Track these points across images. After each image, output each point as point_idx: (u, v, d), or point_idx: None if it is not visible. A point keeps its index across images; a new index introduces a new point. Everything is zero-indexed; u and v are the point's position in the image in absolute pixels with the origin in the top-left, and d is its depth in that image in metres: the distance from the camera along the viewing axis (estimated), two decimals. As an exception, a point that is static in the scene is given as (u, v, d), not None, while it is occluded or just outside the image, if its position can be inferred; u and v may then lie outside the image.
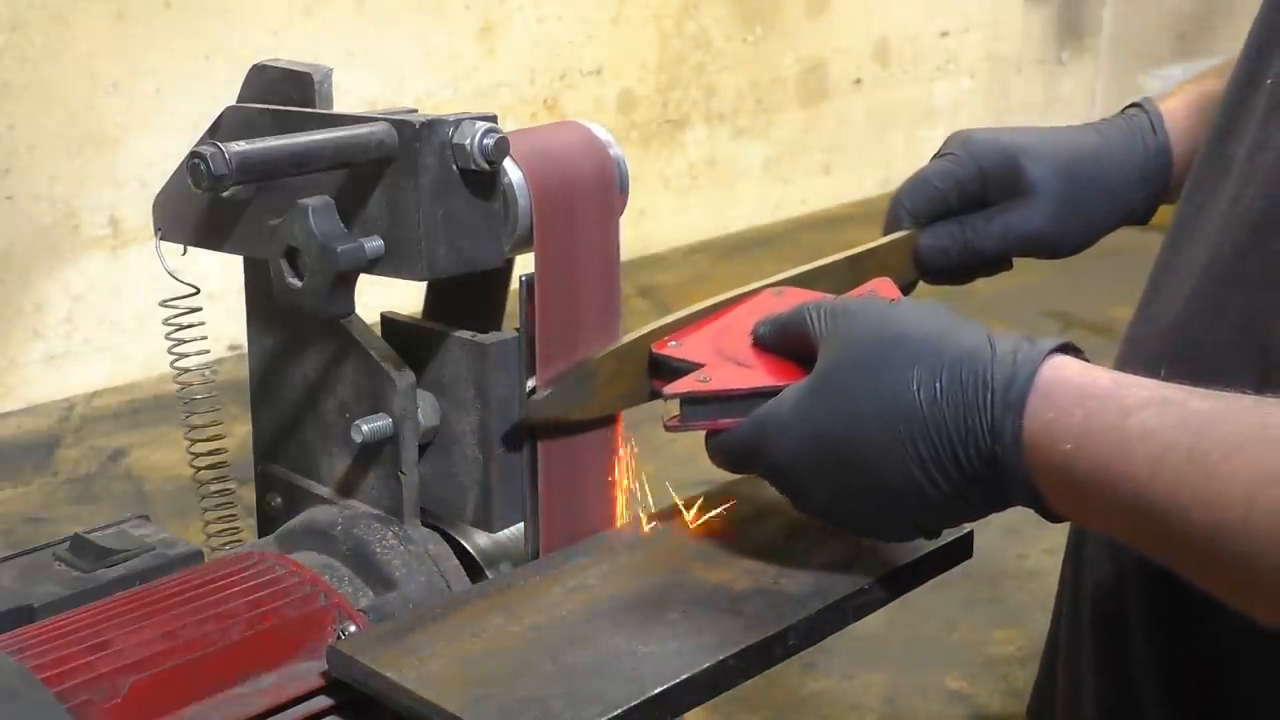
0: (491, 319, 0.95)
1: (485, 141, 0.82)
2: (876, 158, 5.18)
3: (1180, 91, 1.14)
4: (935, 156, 1.12)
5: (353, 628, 0.83)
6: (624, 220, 0.93)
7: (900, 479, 0.74)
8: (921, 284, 1.12)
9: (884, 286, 0.95)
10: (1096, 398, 0.69)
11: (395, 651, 0.77)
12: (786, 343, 0.86)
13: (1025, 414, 0.70)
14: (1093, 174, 1.08)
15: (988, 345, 0.74)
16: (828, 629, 0.82)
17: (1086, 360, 0.73)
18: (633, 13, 4.51)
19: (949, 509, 0.76)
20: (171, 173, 0.95)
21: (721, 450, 0.84)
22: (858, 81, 5.15)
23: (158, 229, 0.96)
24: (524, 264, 0.90)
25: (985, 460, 0.72)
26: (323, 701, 0.79)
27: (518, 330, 0.89)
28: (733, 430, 0.83)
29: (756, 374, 0.85)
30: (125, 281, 3.60)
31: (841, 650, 2.38)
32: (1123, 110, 1.14)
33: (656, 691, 0.74)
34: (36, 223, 3.52)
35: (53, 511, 3.00)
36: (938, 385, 0.73)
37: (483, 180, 0.84)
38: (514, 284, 0.92)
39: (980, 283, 1.16)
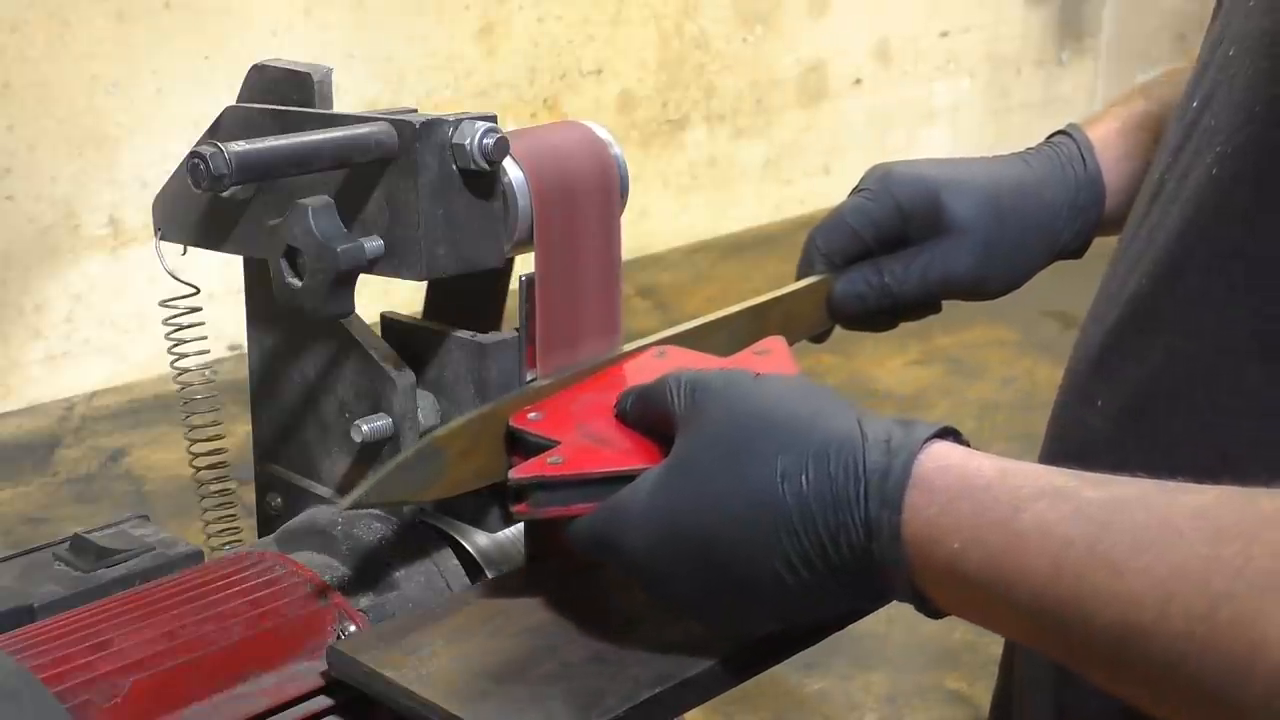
0: (491, 319, 0.95)
1: (485, 141, 0.82)
2: (876, 158, 5.13)
3: (1109, 115, 1.09)
4: (853, 192, 1.05)
5: (353, 628, 0.83)
6: (624, 220, 0.93)
7: (764, 575, 0.68)
8: (839, 329, 1.07)
9: (775, 346, 0.89)
10: (984, 489, 0.63)
11: (395, 651, 0.77)
12: (647, 418, 0.79)
13: (904, 509, 0.64)
14: (1019, 208, 1.02)
15: (858, 431, 0.67)
16: (831, 627, 0.82)
17: (967, 445, 0.68)
18: (633, 13, 4.51)
19: (814, 603, 0.70)
20: (171, 173, 0.95)
21: (575, 540, 0.77)
22: (858, 81, 5.15)
23: (157, 229, 0.96)
24: (524, 264, 0.90)
25: (858, 557, 0.66)
26: (323, 702, 0.79)
27: (517, 330, 0.89)
28: (584, 519, 0.76)
29: (614, 455, 0.78)
30: (125, 281, 3.61)
31: (841, 650, 2.39)
32: (1049, 138, 1.09)
33: (656, 691, 0.74)
34: (36, 223, 3.52)
35: (53, 511, 3.00)
36: (804, 477, 0.67)
37: (482, 180, 0.84)
38: (514, 284, 0.92)
39: None
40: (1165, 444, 0.78)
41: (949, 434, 0.68)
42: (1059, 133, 1.09)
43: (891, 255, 1.02)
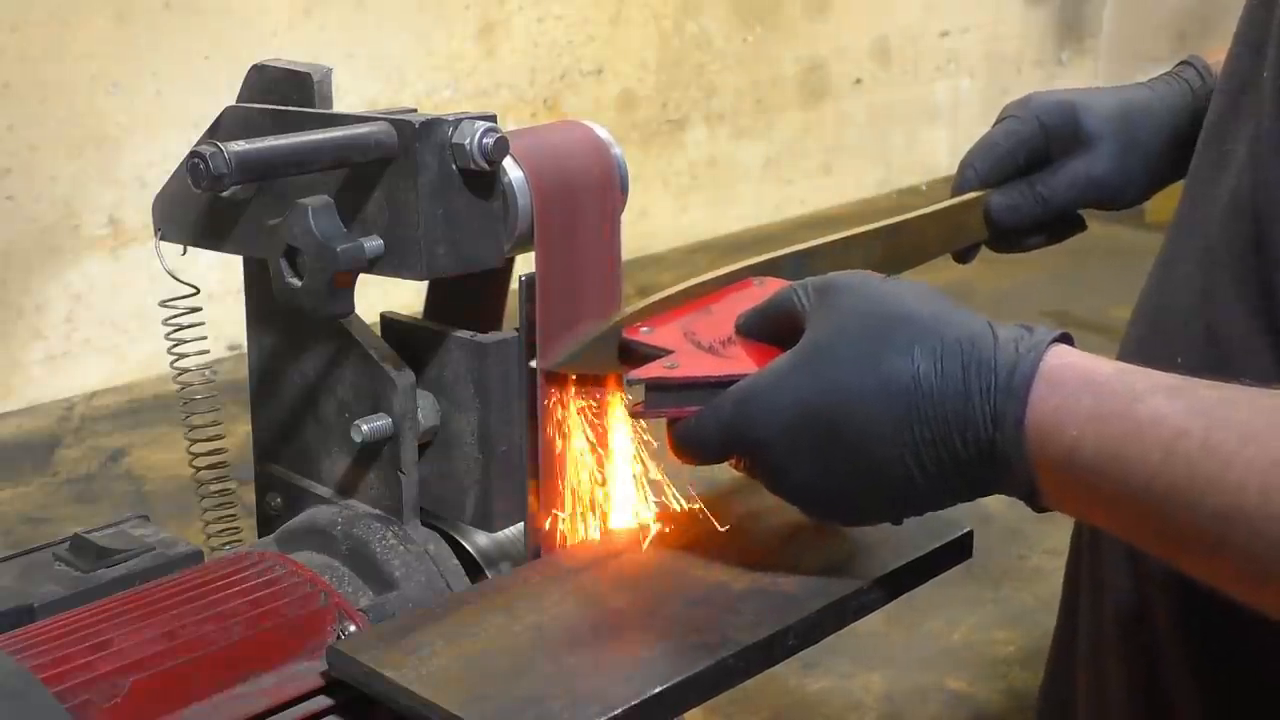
0: (491, 319, 0.95)
1: (485, 141, 0.82)
2: (876, 158, 5.18)
3: (1222, 50, 1.16)
4: (997, 121, 1.14)
5: (352, 628, 0.83)
6: (624, 220, 0.93)
7: (889, 460, 0.72)
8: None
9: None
10: (1103, 384, 0.68)
11: (395, 651, 0.77)
12: (769, 326, 0.82)
13: (1029, 402, 0.69)
14: (1147, 121, 1.10)
15: (989, 331, 0.72)
16: (828, 628, 0.82)
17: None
18: (633, 13, 4.51)
19: (931, 494, 0.74)
20: (171, 173, 0.95)
21: (696, 431, 0.80)
22: (858, 81, 5.14)
23: (157, 229, 0.96)
24: (524, 264, 0.90)
25: (981, 447, 0.70)
26: (322, 701, 0.79)
27: (517, 330, 0.89)
28: (709, 408, 0.79)
29: (727, 362, 0.82)
30: (125, 281, 3.60)
31: (841, 650, 2.38)
32: (1171, 69, 1.16)
33: (656, 691, 0.74)
34: (36, 223, 3.52)
35: (53, 511, 3.00)
36: (938, 367, 0.71)
37: (482, 180, 0.84)
38: (514, 284, 0.92)
39: (980, 281, 1.16)
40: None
41: (1065, 338, 0.72)
42: (1180, 63, 1.16)
43: (1039, 171, 1.10)
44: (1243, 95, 0.88)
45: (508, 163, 0.85)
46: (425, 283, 0.92)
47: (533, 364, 0.87)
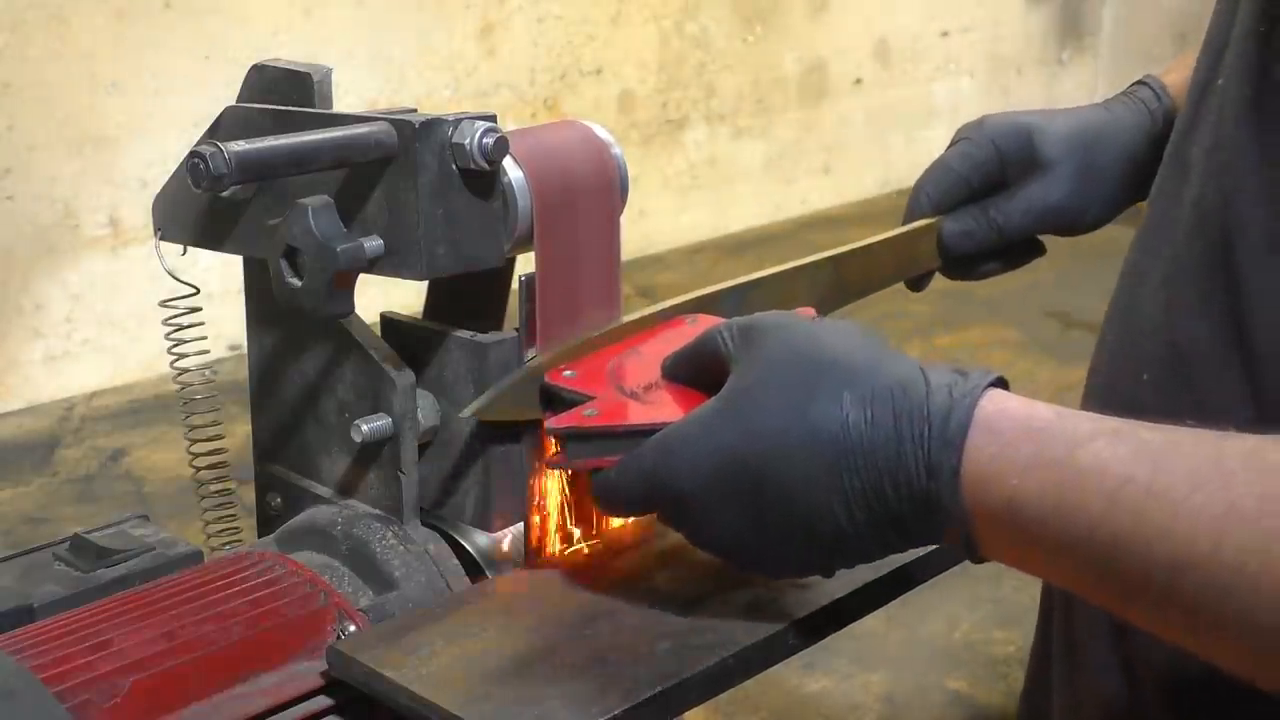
0: (491, 318, 0.95)
1: (485, 141, 0.82)
2: (876, 158, 5.18)
3: (1179, 65, 1.15)
4: (950, 145, 1.13)
5: (352, 627, 0.83)
6: (624, 220, 0.93)
7: (818, 511, 0.69)
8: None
9: (806, 314, 0.87)
10: (1042, 430, 0.65)
11: (395, 651, 0.77)
12: (695, 369, 0.79)
13: (965, 450, 0.66)
14: (1104, 143, 1.09)
15: (921, 376, 0.69)
16: (828, 628, 0.82)
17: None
18: (633, 13, 4.51)
19: (862, 546, 0.71)
20: (171, 173, 0.95)
21: (616, 483, 0.76)
22: (858, 81, 5.15)
23: (157, 229, 0.96)
24: (524, 264, 0.90)
25: (916, 498, 0.67)
26: (322, 701, 0.79)
27: (517, 330, 0.89)
28: (629, 458, 0.75)
29: (650, 409, 0.78)
30: (125, 281, 3.60)
31: (841, 650, 2.38)
32: (1125, 90, 1.15)
33: (656, 691, 0.74)
34: (36, 223, 3.52)
35: (53, 511, 3.00)
36: (868, 414, 0.68)
37: (482, 180, 0.84)
38: (514, 283, 0.92)
39: (980, 283, 1.16)
40: (1214, 410, 0.80)
41: (1000, 382, 0.70)
42: (1135, 83, 1.15)
43: (994, 196, 1.09)
44: (1202, 103, 0.88)
45: (507, 163, 0.85)
46: (425, 283, 0.92)
47: (462, 414, 0.85)
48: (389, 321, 0.95)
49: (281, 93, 0.90)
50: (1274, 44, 0.78)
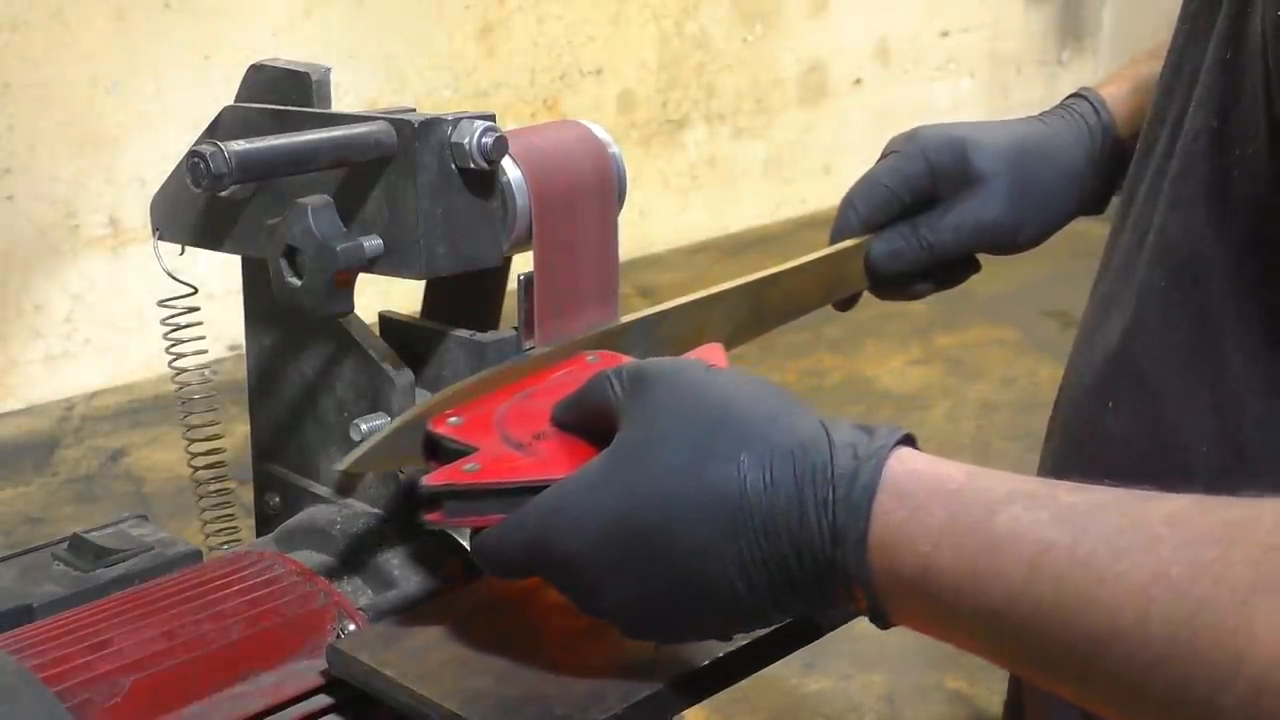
0: (489, 318, 0.95)
1: (484, 140, 0.82)
2: (876, 158, 5.18)
3: (1118, 77, 1.12)
4: (881, 158, 1.08)
5: (352, 626, 0.83)
6: (623, 220, 0.93)
7: (714, 578, 0.64)
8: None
9: (713, 354, 0.83)
10: (955, 493, 0.61)
11: (395, 650, 0.77)
12: (584, 419, 0.74)
13: (873, 515, 0.62)
14: (1041, 158, 1.05)
15: (824, 435, 0.64)
16: (829, 625, 0.82)
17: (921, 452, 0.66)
18: (633, 13, 4.51)
19: (761, 613, 0.66)
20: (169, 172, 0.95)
21: (497, 546, 0.71)
22: (858, 81, 5.15)
23: (155, 229, 0.96)
24: (522, 263, 0.90)
25: (820, 565, 0.63)
26: (322, 700, 0.79)
27: (516, 329, 0.89)
28: (512, 520, 0.70)
29: (535, 463, 0.72)
30: (125, 281, 3.61)
31: (841, 650, 2.39)
32: (1063, 101, 1.11)
33: (657, 689, 0.74)
34: (36, 223, 3.52)
35: (53, 511, 3.00)
36: (767, 477, 0.63)
37: (481, 179, 0.84)
38: (512, 283, 0.92)
39: (980, 283, 1.13)
40: (1179, 441, 0.78)
41: (908, 440, 0.65)
42: (1072, 95, 1.12)
43: (925, 213, 1.05)
44: (1164, 128, 0.85)
45: (506, 162, 0.85)
46: (423, 282, 0.92)
47: (337, 468, 0.80)
48: (388, 321, 0.95)
49: (281, 92, 0.90)
50: (1238, 73, 0.75)
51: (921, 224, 1.04)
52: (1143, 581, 0.54)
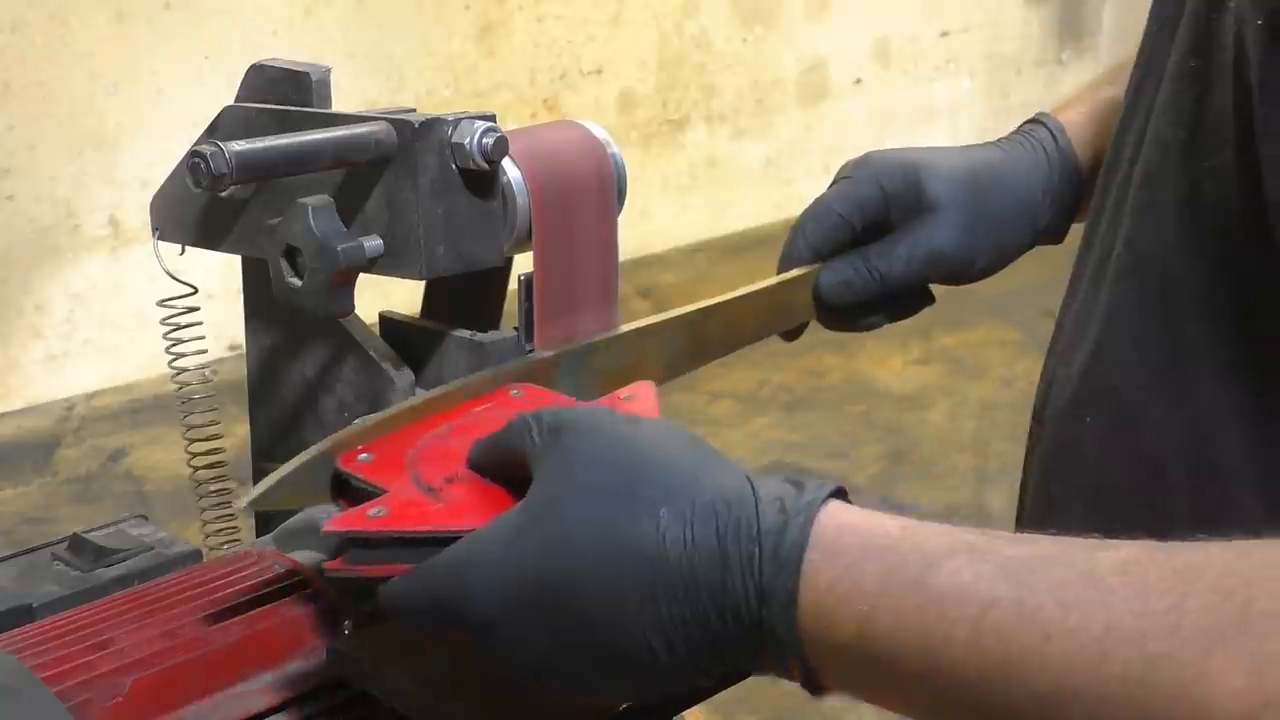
0: (490, 318, 0.95)
1: (484, 141, 0.82)
2: (876, 158, 5.18)
3: (1077, 100, 1.09)
4: (832, 183, 1.04)
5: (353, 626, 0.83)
6: (624, 220, 0.93)
7: (631, 640, 0.60)
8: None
9: (643, 392, 0.79)
10: (889, 548, 0.57)
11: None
12: (500, 464, 0.70)
13: (802, 573, 0.58)
14: (997, 185, 1.02)
15: (749, 489, 0.60)
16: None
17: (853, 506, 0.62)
18: (633, 13, 4.51)
19: (682, 676, 0.62)
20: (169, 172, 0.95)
21: (404, 601, 0.66)
22: (858, 81, 5.15)
23: (156, 229, 0.96)
24: (523, 263, 0.90)
25: (745, 627, 0.59)
26: (322, 701, 0.79)
27: (516, 329, 0.89)
28: (418, 573, 0.65)
29: (445, 510, 0.68)
30: (125, 281, 3.61)
31: (841, 650, 2.38)
32: (1020, 127, 1.09)
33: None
34: (36, 223, 3.52)
35: (53, 511, 3.00)
36: (688, 534, 0.59)
37: (482, 179, 0.84)
38: (513, 283, 0.92)
39: (980, 284, 1.12)
40: (1157, 459, 0.77)
41: (840, 493, 0.62)
42: (1029, 121, 1.09)
43: (877, 241, 1.02)
44: (1131, 137, 0.82)
45: (506, 162, 0.85)
46: (423, 282, 0.92)
47: (239, 504, 0.76)
48: (388, 321, 0.95)
49: (281, 92, 0.90)
50: (1205, 83, 0.73)
51: (873, 253, 1.01)
52: (1095, 635, 0.51)
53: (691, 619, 0.59)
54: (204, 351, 0.97)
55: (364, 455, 0.73)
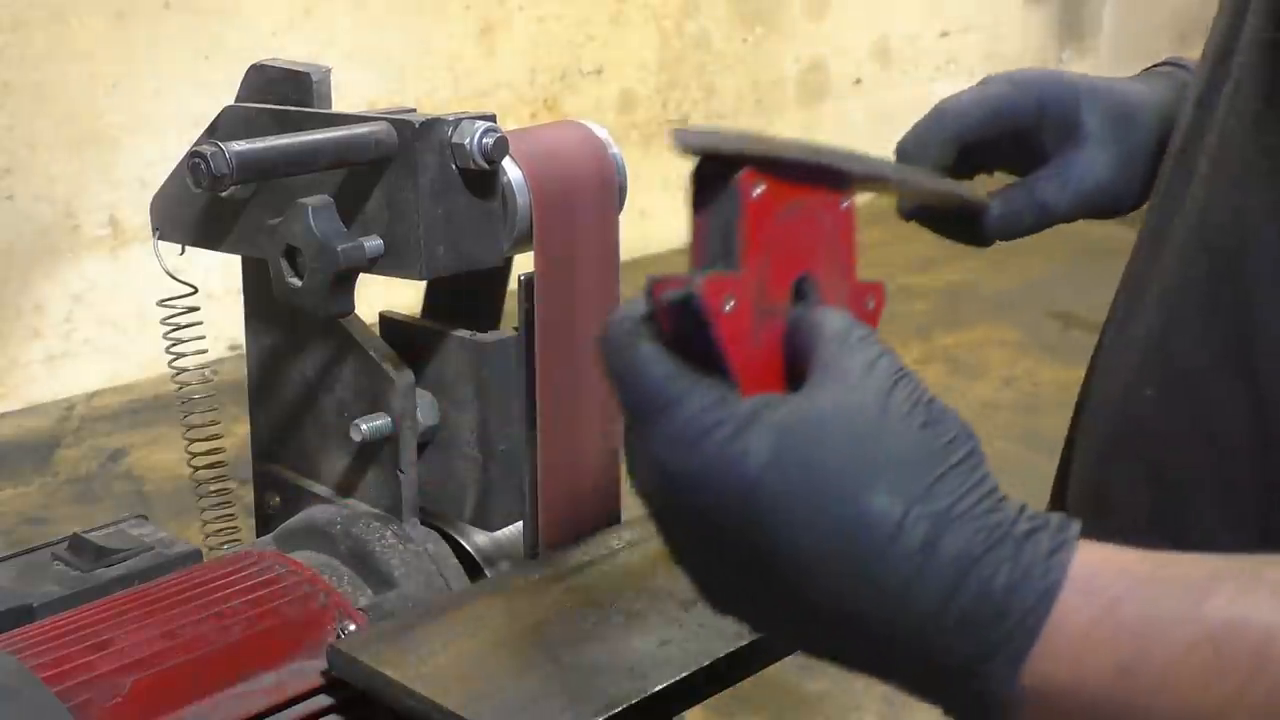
0: (490, 318, 0.95)
1: (484, 141, 0.82)
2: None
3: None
4: (979, 85, 0.97)
5: (352, 626, 0.83)
6: (624, 220, 0.93)
7: (810, 597, 0.54)
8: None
9: (878, 297, 0.67)
10: (1147, 581, 0.53)
11: (396, 650, 0.77)
12: (789, 353, 0.60)
13: (1051, 617, 0.52)
14: (1144, 119, 0.97)
15: (1010, 513, 0.54)
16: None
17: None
18: (633, 13, 4.51)
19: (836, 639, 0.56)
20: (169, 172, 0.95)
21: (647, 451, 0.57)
22: (858, 81, 5.15)
23: (156, 228, 0.96)
24: (523, 263, 0.90)
25: (949, 671, 0.53)
26: (322, 700, 0.79)
27: (516, 329, 0.89)
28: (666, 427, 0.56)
29: (752, 352, 0.57)
30: (125, 281, 3.60)
31: (841, 650, 2.38)
32: (1153, 67, 1.04)
33: (657, 689, 0.74)
34: (36, 223, 3.52)
35: (53, 511, 3.00)
36: (932, 536, 0.53)
37: (482, 179, 0.84)
38: (513, 283, 0.92)
39: (983, 282, 1.12)
40: (1224, 437, 0.76)
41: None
42: (1164, 63, 1.04)
43: (1036, 174, 0.96)
44: (1207, 109, 0.84)
45: (506, 163, 0.85)
46: (424, 282, 0.92)
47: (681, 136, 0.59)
48: (388, 321, 0.95)
49: (280, 92, 0.90)
50: None
51: (1035, 185, 0.94)
52: None
53: (884, 621, 0.53)
54: (204, 351, 0.97)
55: (760, 185, 0.58)
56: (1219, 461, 0.77)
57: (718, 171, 0.58)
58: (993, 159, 0.96)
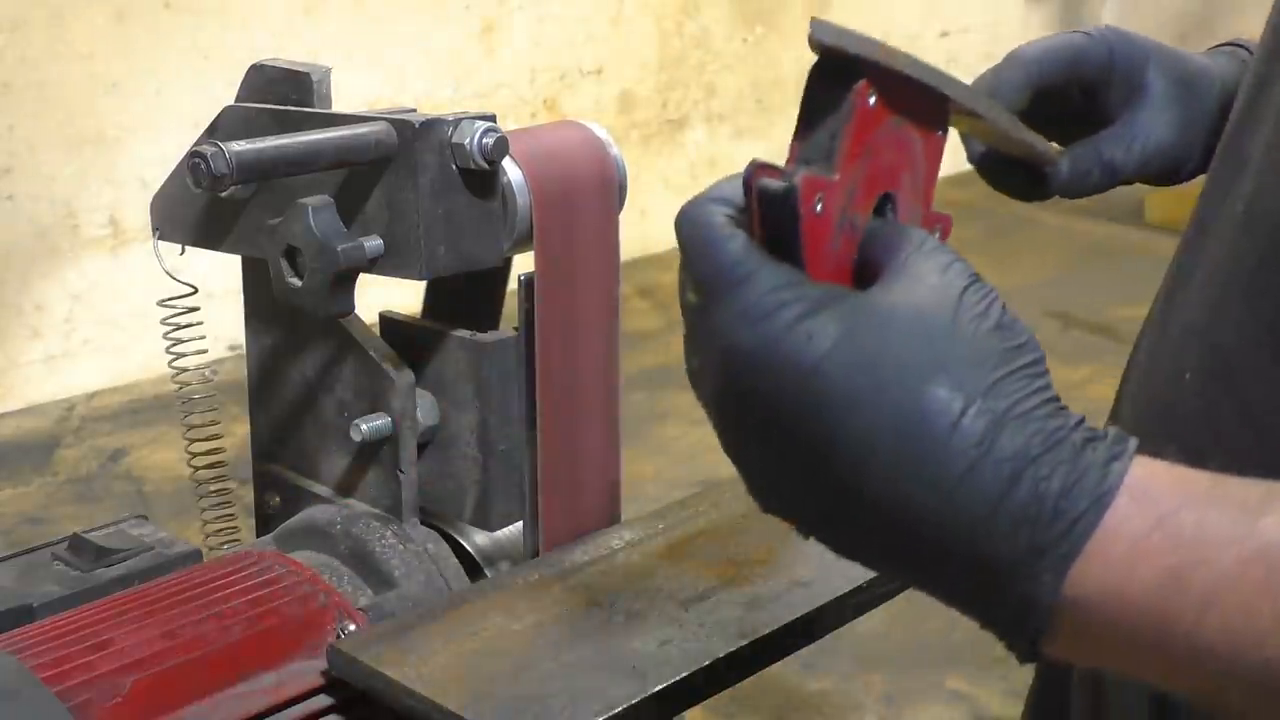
0: (490, 318, 0.95)
1: (484, 141, 0.82)
2: (876, 158, 5.18)
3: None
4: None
5: (352, 627, 0.83)
6: (624, 220, 0.93)
7: (863, 493, 0.54)
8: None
9: (946, 227, 0.67)
10: (1203, 497, 0.53)
11: (396, 650, 0.77)
12: (864, 254, 0.60)
13: (1104, 523, 0.52)
14: (1207, 89, 0.98)
15: (1068, 420, 0.55)
16: (829, 624, 0.82)
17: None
18: (633, 13, 4.51)
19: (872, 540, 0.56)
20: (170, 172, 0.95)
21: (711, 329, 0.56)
22: (858, 81, 5.15)
23: (156, 228, 0.96)
24: (523, 263, 0.90)
25: (1000, 562, 0.53)
26: (322, 700, 0.79)
27: (516, 329, 0.89)
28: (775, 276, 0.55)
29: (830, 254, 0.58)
30: (125, 281, 3.61)
31: (841, 650, 2.38)
32: (1217, 47, 1.04)
33: (657, 689, 0.74)
34: (36, 223, 3.52)
35: (53, 511, 3.00)
36: (990, 433, 0.53)
37: (482, 179, 0.84)
38: (513, 283, 0.92)
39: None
40: (1264, 422, 0.76)
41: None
42: (1226, 44, 1.04)
43: (1102, 133, 0.96)
44: (1261, 96, 0.85)
45: (506, 163, 0.85)
46: (424, 282, 0.92)
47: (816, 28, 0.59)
48: (388, 321, 0.95)
49: (280, 92, 0.90)
50: None
51: (1104, 145, 0.94)
52: None
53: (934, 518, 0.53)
54: (204, 351, 0.97)
55: (873, 98, 0.59)
56: (1259, 445, 0.77)
57: (839, 72, 0.59)
58: (1062, 109, 0.96)
